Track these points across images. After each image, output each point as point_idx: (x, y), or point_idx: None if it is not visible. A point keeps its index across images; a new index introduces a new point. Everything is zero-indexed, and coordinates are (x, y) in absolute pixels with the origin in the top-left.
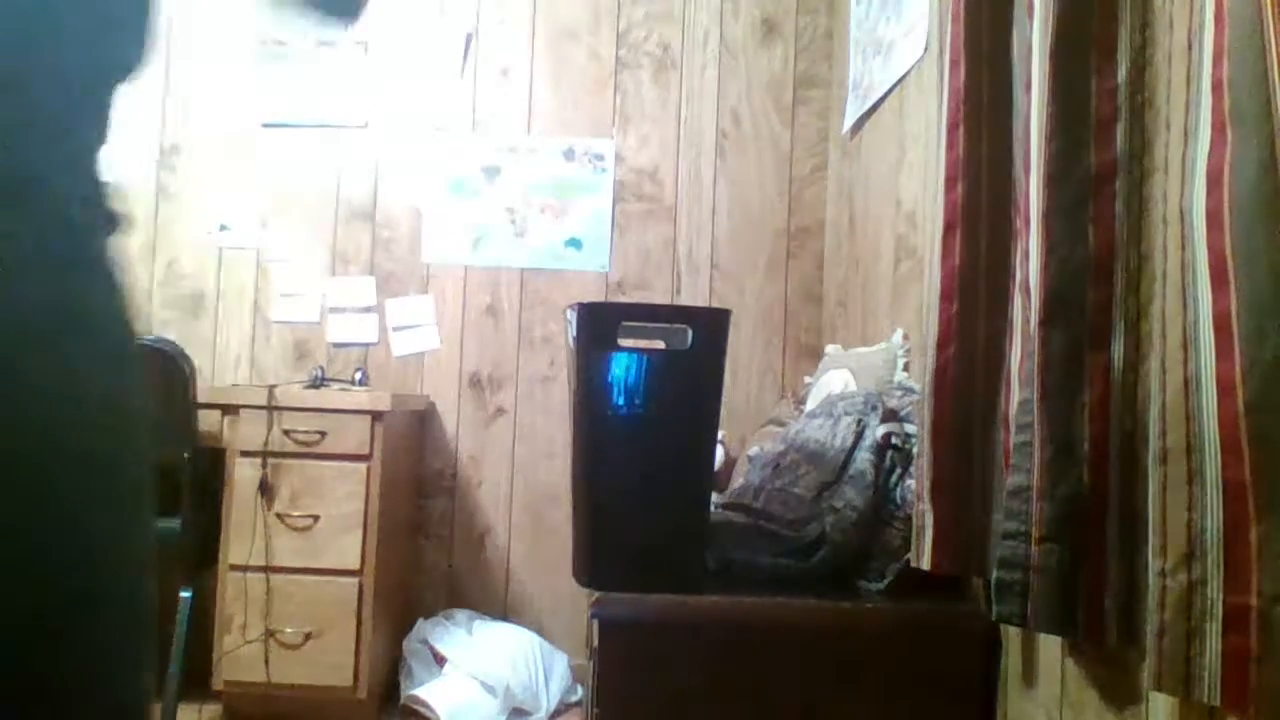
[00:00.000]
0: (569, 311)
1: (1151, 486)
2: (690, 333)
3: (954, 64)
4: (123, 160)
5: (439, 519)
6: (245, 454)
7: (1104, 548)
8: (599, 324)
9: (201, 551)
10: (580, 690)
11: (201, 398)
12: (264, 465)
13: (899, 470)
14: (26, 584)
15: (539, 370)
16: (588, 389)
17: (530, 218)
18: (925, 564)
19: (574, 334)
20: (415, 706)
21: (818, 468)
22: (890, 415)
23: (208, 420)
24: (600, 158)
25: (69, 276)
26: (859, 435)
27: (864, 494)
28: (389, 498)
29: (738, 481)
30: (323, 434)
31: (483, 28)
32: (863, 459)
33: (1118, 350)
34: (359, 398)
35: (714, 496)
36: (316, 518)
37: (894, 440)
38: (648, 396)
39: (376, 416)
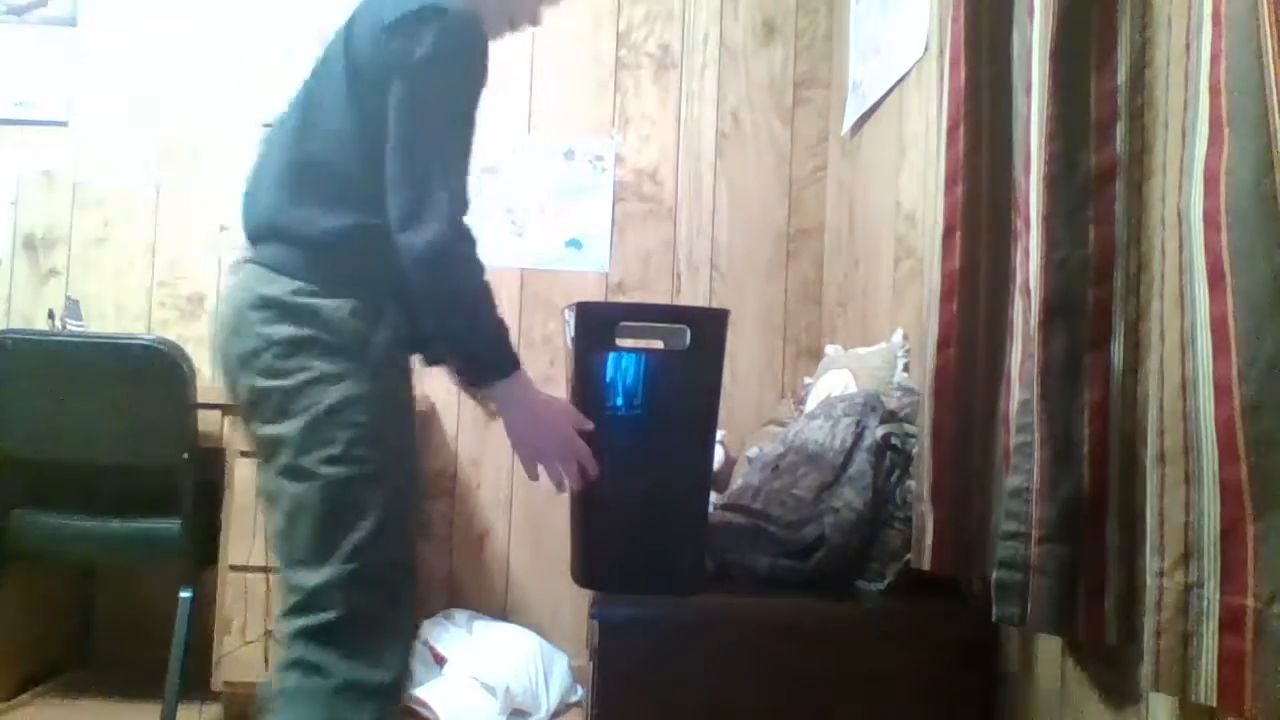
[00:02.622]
0: (567, 312)
1: (1149, 487)
2: (689, 333)
3: (954, 64)
4: (123, 160)
5: (439, 520)
6: (245, 454)
7: (1103, 548)
8: (597, 324)
9: (201, 552)
10: (580, 690)
11: (201, 398)
12: None
13: (898, 471)
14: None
15: (539, 371)
16: (586, 389)
17: (530, 218)
18: (925, 564)
19: (572, 334)
20: (415, 707)
21: (817, 469)
22: (890, 416)
23: (208, 420)
24: (600, 158)
25: None
26: (858, 436)
27: (863, 495)
28: None
29: (737, 482)
30: None
31: None
32: (862, 460)
33: (1117, 351)
34: None
35: (713, 497)
36: None
37: (893, 441)
38: (647, 397)
39: None
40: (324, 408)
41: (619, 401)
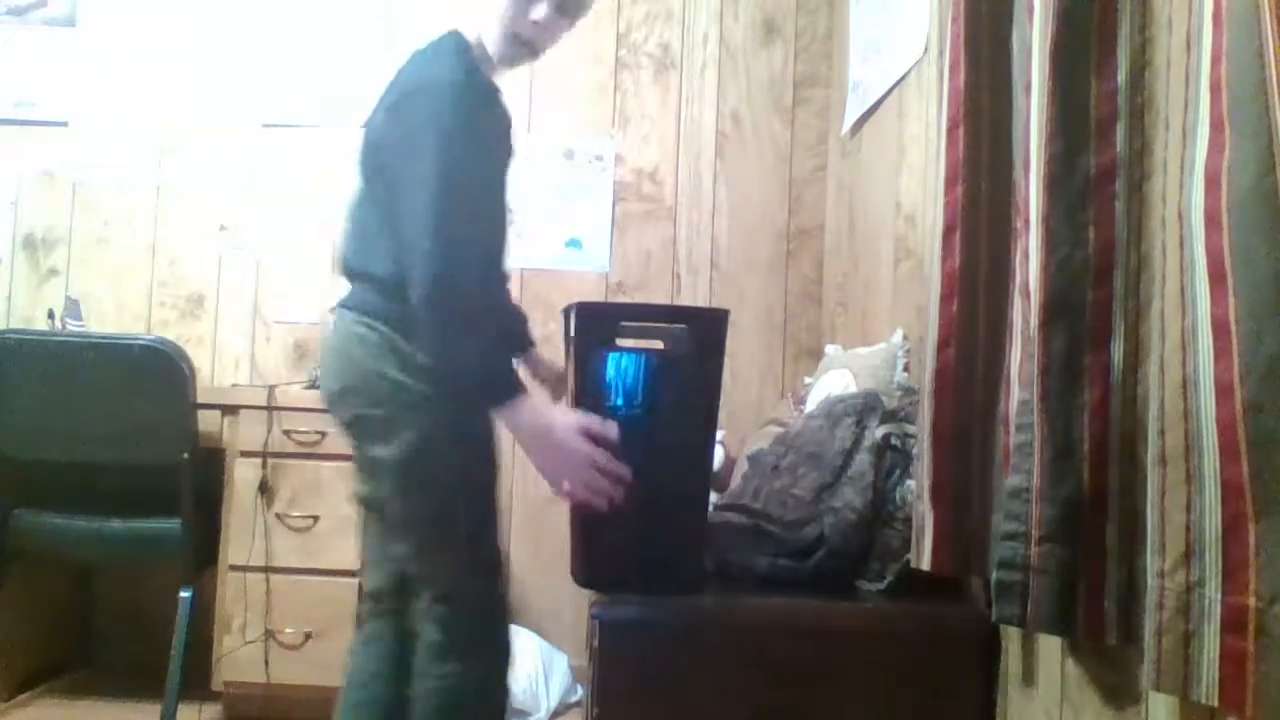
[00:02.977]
0: (567, 312)
1: (1150, 487)
2: (689, 333)
3: (954, 65)
4: (123, 160)
5: None
6: (245, 454)
7: (1103, 548)
8: (596, 324)
9: (201, 552)
10: (580, 690)
11: (201, 398)
12: (264, 466)
13: (898, 471)
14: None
15: None
16: (586, 390)
17: (530, 218)
18: (925, 564)
19: (572, 335)
20: None
21: (817, 469)
22: (890, 416)
23: (208, 421)
24: (600, 158)
25: None
26: (858, 436)
27: (863, 495)
28: None
29: (737, 482)
30: (323, 434)
31: None
32: (862, 460)
33: (1117, 351)
34: None
35: (713, 497)
36: (316, 518)
37: (893, 441)
38: (646, 397)
39: None
40: (413, 435)
41: (619, 401)
